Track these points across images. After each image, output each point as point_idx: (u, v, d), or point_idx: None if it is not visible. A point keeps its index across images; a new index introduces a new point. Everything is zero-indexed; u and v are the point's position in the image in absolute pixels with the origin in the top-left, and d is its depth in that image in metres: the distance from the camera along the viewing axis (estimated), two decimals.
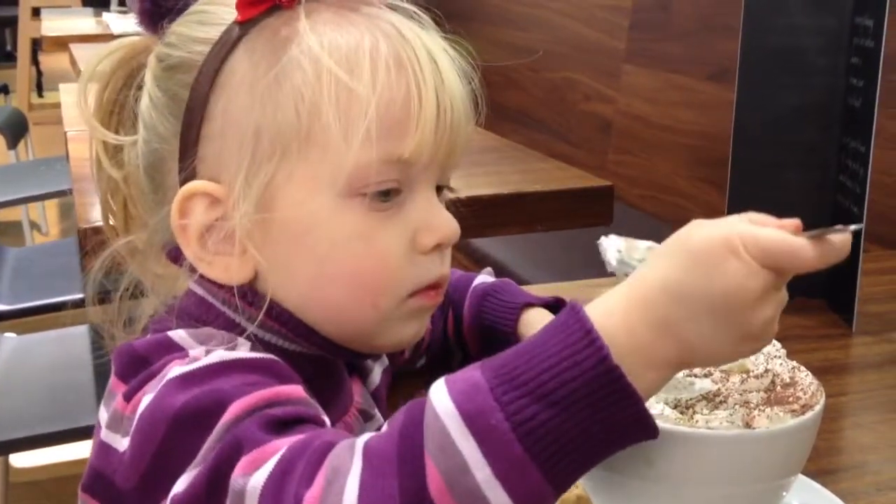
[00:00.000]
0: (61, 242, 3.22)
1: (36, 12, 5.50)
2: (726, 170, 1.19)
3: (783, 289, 0.53)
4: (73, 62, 3.12)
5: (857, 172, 1.10)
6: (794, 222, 0.53)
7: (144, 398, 0.58)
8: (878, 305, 1.16)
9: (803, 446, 0.61)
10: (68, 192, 1.53)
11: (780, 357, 0.65)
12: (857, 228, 0.54)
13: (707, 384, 0.61)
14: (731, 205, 1.19)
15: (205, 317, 0.66)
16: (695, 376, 0.62)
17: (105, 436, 0.62)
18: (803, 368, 0.65)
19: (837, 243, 0.52)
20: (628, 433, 0.51)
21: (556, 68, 2.81)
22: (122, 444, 0.60)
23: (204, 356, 0.59)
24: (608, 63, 2.52)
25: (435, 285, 0.67)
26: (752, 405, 0.59)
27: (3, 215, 3.81)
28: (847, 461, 0.83)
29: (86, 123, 0.72)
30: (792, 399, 0.60)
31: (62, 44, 3.60)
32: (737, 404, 0.59)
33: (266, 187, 0.63)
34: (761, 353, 0.65)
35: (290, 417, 0.55)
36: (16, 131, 4.00)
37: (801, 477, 0.68)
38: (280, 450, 0.52)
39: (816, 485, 0.72)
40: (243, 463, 0.52)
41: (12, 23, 6.30)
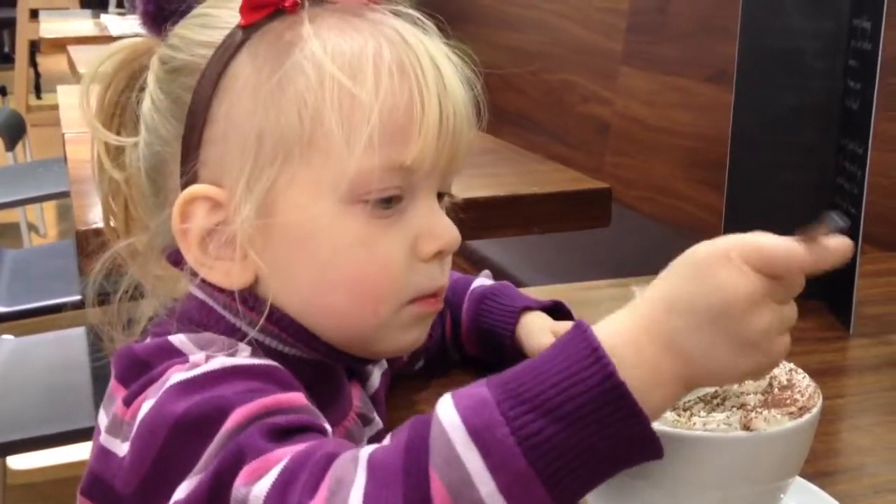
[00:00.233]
0: (59, 244, 3.22)
1: (34, 14, 5.50)
2: (724, 172, 1.19)
3: (789, 302, 0.53)
4: (72, 64, 3.12)
5: (855, 174, 1.10)
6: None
7: (145, 404, 0.58)
8: (876, 307, 1.16)
9: (801, 448, 0.61)
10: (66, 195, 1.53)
11: None
12: (843, 226, 0.53)
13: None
14: (729, 207, 1.18)
15: (205, 321, 0.66)
16: None
17: (104, 440, 0.62)
18: (801, 370, 0.65)
19: (832, 246, 0.52)
20: (633, 451, 0.50)
21: (554, 70, 2.81)
22: (121, 449, 0.60)
23: (204, 362, 0.59)
24: (605, 65, 2.52)
25: (435, 293, 0.67)
26: (749, 407, 0.59)
27: (0, 217, 3.81)
28: (844, 463, 0.83)
29: (87, 124, 0.72)
30: (789, 401, 0.60)
31: (60, 45, 3.60)
32: (734, 406, 0.59)
33: (268, 192, 0.63)
34: None
35: (293, 426, 0.55)
36: (14, 133, 4.00)
37: (799, 479, 0.68)
38: (283, 459, 0.51)
39: (814, 487, 0.72)
40: (246, 472, 0.51)
41: (10, 24, 6.30)
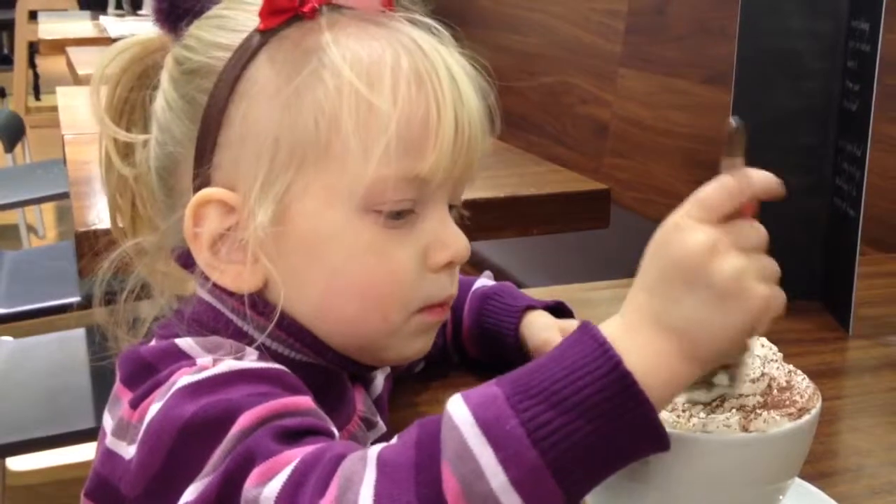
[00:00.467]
0: (58, 246, 3.23)
1: (33, 15, 5.49)
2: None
3: (754, 248, 0.53)
4: (71, 65, 3.12)
5: (854, 176, 1.10)
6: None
7: (152, 407, 0.58)
8: (875, 309, 1.16)
9: (800, 450, 0.61)
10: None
11: (777, 360, 0.65)
12: (740, 126, 0.56)
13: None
14: None
15: (213, 325, 0.65)
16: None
17: (110, 443, 0.62)
18: (800, 372, 0.65)
19: (754, 175, 0.55)
20: (641, 442, 0.51)
21: (552, 72, 2.81)
22: (128, 451, 0.60)
23: (212, 365, 0.59)
24: (604, 66, 2.52)
25: (443, 302, 0.67)
26: (748, 409, 0.59)
27: None
28: (843, 465, 0.83)
29: (96, 120, 0.72)
30: (788, 402, 0.60)
31: (59, 47, 3.60)
32: (734, 408, 0.59)
33: (282, 198, 0.62)
34: (757, 356, 0.65)
35: (302, 428, 0.55)
36: (13, 134, 4.00)
37: (798, 480, 0.68)
38: (293, 461, 0.51)
39: (813, 488, 0.72)
40: (256, 473, 0.52)
41: (9, 26, 6.30)
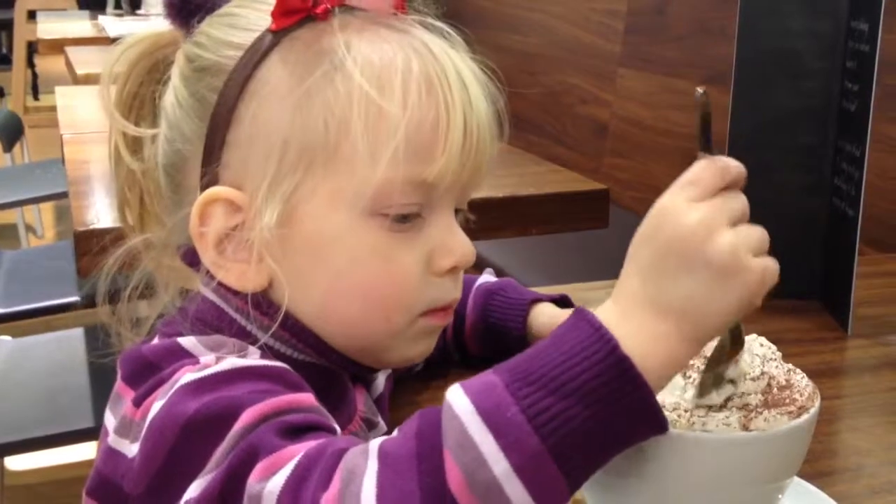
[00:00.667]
0: (56, 245, 3.23)
1: (32, 15, 5.49)
2: None
3: (743, 220, 0.54)
4: (69, 65, 3.11)
5: (853, 176, 1.10)
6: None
7: (155, 404, 0.58)
8: (874, 308, 1.16)
9: (799, 448, 0.61)
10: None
11: (776, 360, 0.65)
12: (703, 95, 0.58)
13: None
14: None
15: (217, 323, 0.66)
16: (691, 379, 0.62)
17: (113, 441, 0.62)
18: (799, 371, 0.65)
19: (726, 160, 0.56)
20: (639, 425, 0.51)
21: (552, 72, 2.81)
22: (131, 449, 0.60)
23: (215, 363, 0.59)
24: (603, 66, 2.52)
25: (446, 306, 0.67)
26: (748, 407, 0.59)
27: None
28: (842, 464, 0.83)
29: (106, 113, 0.72)
30: (788, 401, 0.60)
31: (58, 47, 3.60)
32: (734, 406, 0.59)
33: (289, 199, 0.63)
34: (757, 355, 0.65)
35: (304, 424, 0.55)
36: (11, 134, 4.00)
37: (797, 479, 0.68)
38: (296, 455, 0.52)
39: (812, 487, 0.72)
40: (259, 469, 0.52)
41: (8, 25, 6.30)
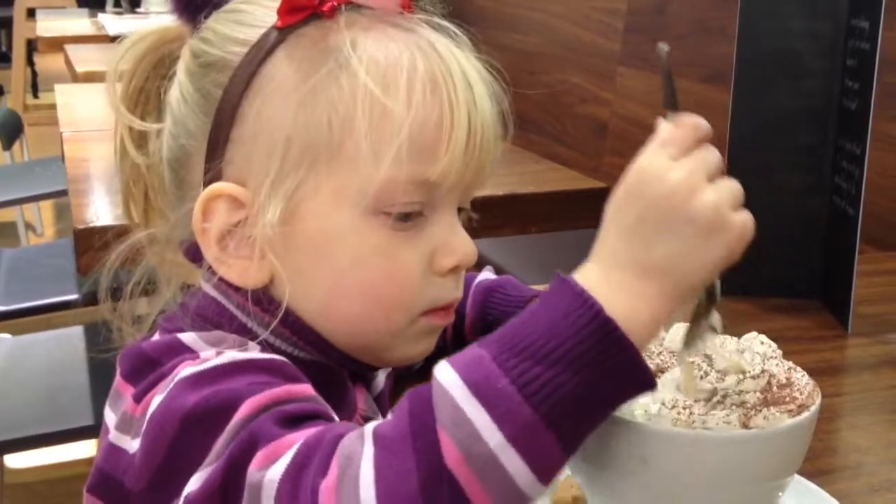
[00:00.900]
0: (56, 243, 3.22)
1: (31, 13, 5.49)
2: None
3: (718, 175, 0.54)
4: (69, 63, 3.12)
5: (853, 174, 1.10)
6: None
7: (155, 399, 0.58)
8: (874, 307, 1.16)
9: (800, 446, 0.61)
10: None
11: (776, 358, 0.65)
12: (664, 50, 0.58)
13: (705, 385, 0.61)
14: None
15: (217, 319, 0.66)
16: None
17: (114, 437, 0.62)
18: (799, 369, 0.65)
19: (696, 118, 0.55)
20: (628, 386, 0.51)
21: (552, 71, 2.81)
22: (132, 445, 0.60)
23: (214, 357, 0.59)
24: (603, 65, 2.52)
25: (447, 306, 0.67)
26: (748, 405, 0.59)
27: None
28: (842, 462, 0.84)
29: (112, 107, 0.72)
30: (788, 399, 0.60)
31: (57, 45, 3.60)
32: (733, 404, 0.59)
33: (291, 196, 0.63)
34: (757, 353, 0.65)
35: (303, 413, 0.55)
36: (11, 132, 3.99)
37: (797, 477, 0.68)
38: (295, 443, 0.52)
39: (812, 485, 0.72)
40: (259, 457, 0.52)
41: (7, 23, 6.29)
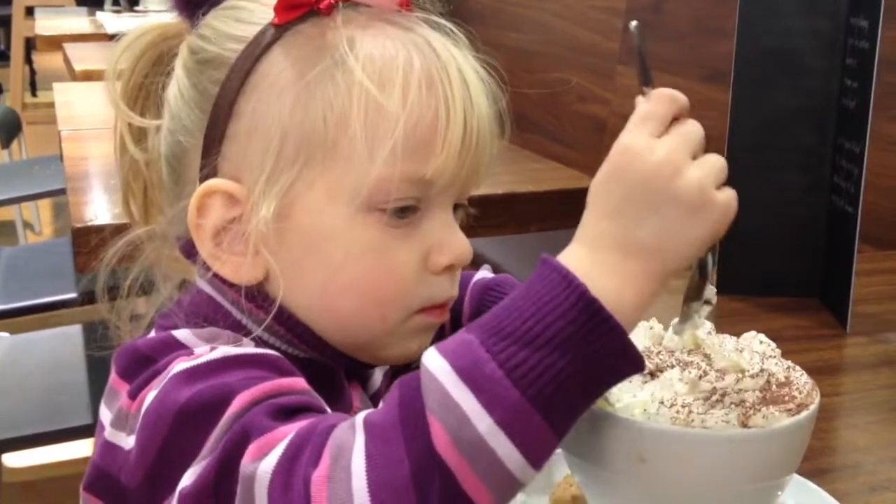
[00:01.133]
0: (54, 242, 3.22)
1: (30, 11, 5.48)
2: None
3: (700, 152, 0.56)
4: (67, 61, 3.11)
5: (852, 173, 1.10)
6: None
7: (149, 395, 0.58)
8: (872, 306, 1.17)
9: (799, 446, 0.61)
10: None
11: (775, 357, 0.65)
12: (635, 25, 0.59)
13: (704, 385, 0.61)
14: None
15: (212, 316, 0.66)
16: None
17: (110, 435, 0.62)
18: (798, 368, 0.65)
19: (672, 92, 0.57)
20: (616, 366, 0.52)
21: (551, 69, 2.81)
22: (127, 442, 0.60)
23: (208, 353, 0.59)
24: (602, 64, 2.52)
25: (442, 304, 0.67)
26: (747, 404, 0.59)
27: None
28: (841, 461, 0.84)
29: (112, 104, 0.72)
30: (787, 398, 0.60)
31: (56, 43, 3.60)
32: (733, 403, 0.59)
33: (286, 193, 0.63)
34: (756, 352, 0.65)
35: (295, 406, 0.55)
36: (9, 131, 3.99)
37: (796, 476, 0.68)
38: (288, 435, 0.52)
39: (811, 484, 0.72)
40: (252, 449, 0.52)
41: (6, 22, 6.29)
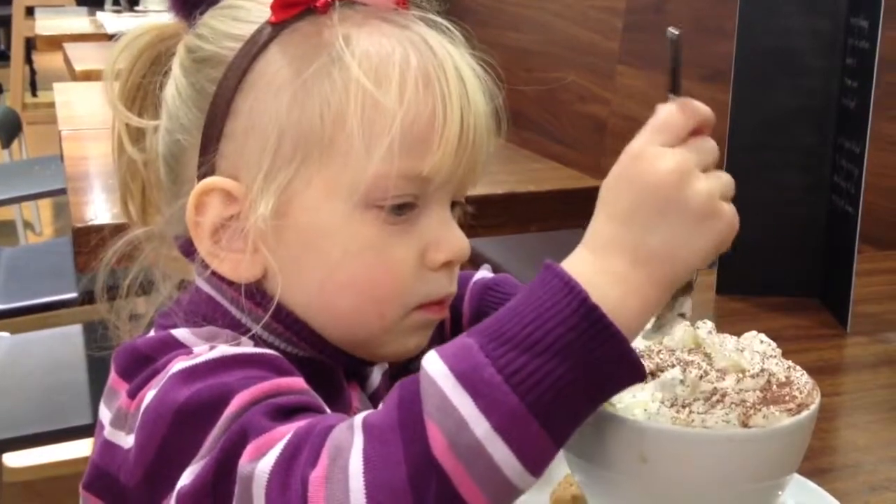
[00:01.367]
0: (55, 242, 3.22)
1: (30, 11, 5.48)
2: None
3: (712, 167, 0.55)
4: (68, 61, 3.11)
5: (852, 173, 1.10)
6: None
7: (148, 394, 0.58)
8: (873, 306, 1.17)
9: (799, 445, 0.61)
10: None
11: (776, 356, 0.65)
12: (675, 33, 0.60)
13: (705, 385, 0.61)
14: None
15: (211, 315, 0.66)
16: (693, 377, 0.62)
17: (109, 434, 0.62)
18: (798, 368, 0.65)
19: (695, 103, 0.57)
20: (617, 375, 0.51)
21: (551, 69, 2.81)
22: (126, 441, 0.60)
23: (207, 352, 0.59)
24: (602, 64, 2.53)
25: (441, 300, 0.67)
26: (748, 404, 0.59)
27: None
28: (842, 461, 0.84)
29: (109, 104, 0.72)
30: (788, 398, 0.60)
31: (56, 43, 3.60)
32: (733, 403, 0.59)
33: (284, 190, 0.63)
34: (756, 352, 0.65)
35: (294, 406, 0.55)
36: (9, 131, 3.99)
37: (797, 476, 0.68)
38: (286, 435, 0.52)
39: (812, 484, 0.72)
40: (250, 449, 0.52)
41: (6, 22, 6.29)
